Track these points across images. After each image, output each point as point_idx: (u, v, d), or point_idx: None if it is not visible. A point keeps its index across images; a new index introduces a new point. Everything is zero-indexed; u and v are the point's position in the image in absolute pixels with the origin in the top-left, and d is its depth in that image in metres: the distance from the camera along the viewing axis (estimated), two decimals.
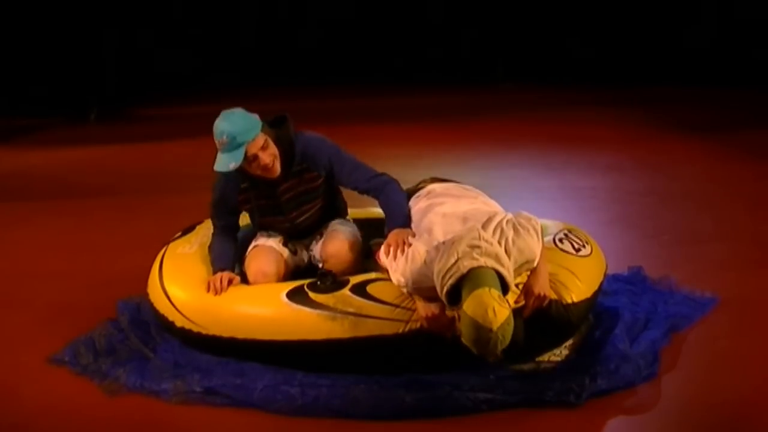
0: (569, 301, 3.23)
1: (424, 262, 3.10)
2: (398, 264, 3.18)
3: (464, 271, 2.86)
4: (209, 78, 12.57)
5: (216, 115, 3.48)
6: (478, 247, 2.92)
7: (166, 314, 3.55)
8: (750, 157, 7.11)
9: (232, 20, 12.75)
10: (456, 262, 2.89)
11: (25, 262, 5.03)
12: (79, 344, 3.60)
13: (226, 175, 3.52)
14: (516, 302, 3.12)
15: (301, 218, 3.66)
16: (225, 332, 3.34)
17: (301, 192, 3.60)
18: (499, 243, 3.03)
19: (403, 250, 3.20)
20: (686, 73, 11.20)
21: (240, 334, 3.31)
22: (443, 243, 3.07)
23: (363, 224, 3.90)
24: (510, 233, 3.10)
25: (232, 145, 3.35)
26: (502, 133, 8.81)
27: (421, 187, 3.62)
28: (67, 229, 5.77)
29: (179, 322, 3.47)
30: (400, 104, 11.12)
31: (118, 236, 5.52)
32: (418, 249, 3.15)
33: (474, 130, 9.05)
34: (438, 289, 2.95)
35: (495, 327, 2.76)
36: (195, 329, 3.42)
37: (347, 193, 3.92)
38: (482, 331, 2.77)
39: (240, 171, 3.48)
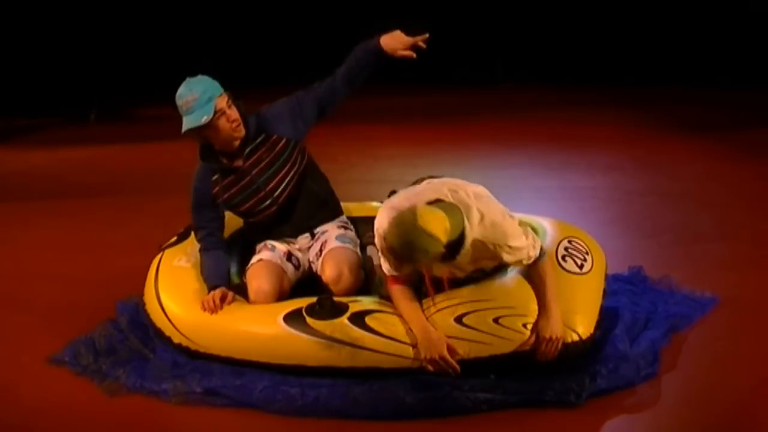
0: (586, 335, 3.17)
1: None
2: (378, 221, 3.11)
3: (431, 199, 2.87)
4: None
5: None
6: (456, 191, 2.91)
7: (163, 329, 3.52)
8: (750, 157, 7.11)
9: (232, 20, 12.75)
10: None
11: (25, 263, 5.04)
12: (79, 344, 3.60)
13: (198, 174, 3.60)
14: (527, 344, 3.09)
15: (279, 190, 3.60)
16: (222, 352, 3.32)
17: (270, 161, 3.57)
18: (479, 210, 2.92)
19: None
20: (686, 73, 11.19)
21: (237, 355, 3.29)
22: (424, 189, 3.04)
23: (361, 222, 3.87)
24: (497, 213, 3.00)
25: (202, 101, 3.41)
26: (502, 133, 8.80)
27: (417, 183, 3.59)
28: (67, 229, 5.77)
29: (177, 338, 3.45)
30: (400, 104, 11.12)
31: (118, 236, 5.52)
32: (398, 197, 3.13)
33: (474, 130, 9.05)
34: None
35: (419, 222, 2.66)
36: (193, 347, 3.39)
37: (343, 194, 3.92)
38: (407, 226, 2.69)
39: (207, 160, 3.56)
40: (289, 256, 3.64)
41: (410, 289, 3.18)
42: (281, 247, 3.66)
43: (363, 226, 3.86)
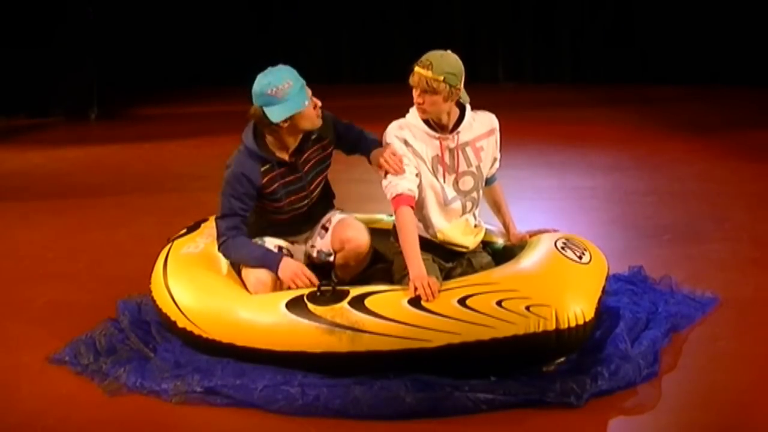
0: (589, 317, 3.18)
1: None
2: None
3: None
4: (209, 78, 12.56)
5: (216, 114, 3.49)
6: None
7: (168, 313, 3.55)
8: (750, 157, 7.10)
9: (232, 19, 12.75)
10: None
11: (25, 262, 5.03)
12: (79, 344, 3.61)
13: (244, 163, 3.48)
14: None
15: (317, 191, 3.68)
16: (225, 338, 3.34)
17: (317, 161, 3.62)
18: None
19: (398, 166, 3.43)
20: (687, 73, 11.18)
21: (239, 341, 3.31)
22: None
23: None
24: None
25: (297, 87, 3.43)
26: (502, 132, 8.78)
27: None
28: (67, 229, 5.77)
29: (181, 323, 3.48)
30: (401, 104, 11.09)
31: (118, 235, 5.52)
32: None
33: None
34: None
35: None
36: (196, 331, 3.42)
37: (343, 193, 3.92)
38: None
39: (262, 150, 3.50)
40: (279, 248, 3.66)
41: (414, 215, 3.41)
42: (272, 241, 3.67)
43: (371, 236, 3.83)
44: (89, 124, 10.50)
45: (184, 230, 4.04)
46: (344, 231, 3.57)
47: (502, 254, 3.73)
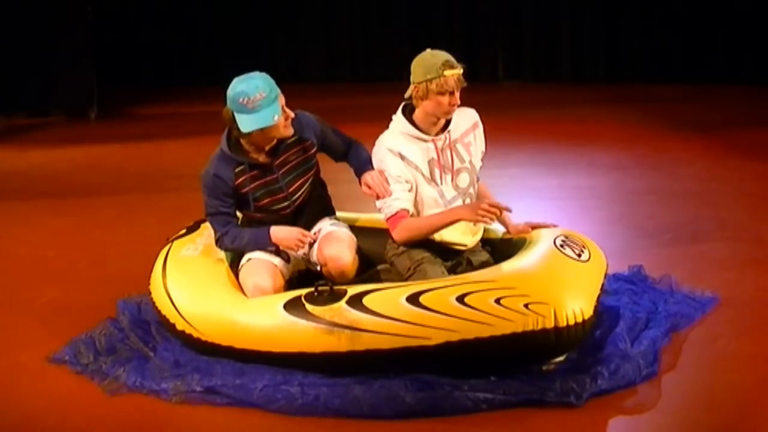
0: (587, 315, 3.18)
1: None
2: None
3: None
4: (209, 78, 12.56)
5: (215, 114, 3.49)
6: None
7: (167, 316, 3.55)
8: (751, 156, 7.10)
9: (233, 19, 12.75)
10: None
11: (25, 262, 5.04)
12: (79, 343, 3.61)
13: (218, 164, 3.56)
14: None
15: (298, 194, 3.64)
16: (224, 341, 3.34)
17: (297, 164, 3.60)
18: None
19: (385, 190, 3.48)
20: (688, 71, 11.17)
21: (238, 344, 3.31)
22: None
23: (360, 232, 3.85)
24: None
25: (270, 99, 3.42)
26: (502, 132, 8.77)
27: None
28: (67, 229, 5.77)
29: (180, 325, 3.48)
30: (400, 104, 11.07)
31: (118, 235, 5.52)
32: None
33: None
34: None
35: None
36: (195, 334, 3.42)
37: (343, 193, 3.92)
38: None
39: (236, 152, 3.53)
40: (278, 250, 3.65)
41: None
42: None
43: (370, 236, 3.83)
44: (89, 123, 10.49)
45: (184, 231, 4.03)
46: (328, 248, 3.54)
47: (502, 248, 3.73)
